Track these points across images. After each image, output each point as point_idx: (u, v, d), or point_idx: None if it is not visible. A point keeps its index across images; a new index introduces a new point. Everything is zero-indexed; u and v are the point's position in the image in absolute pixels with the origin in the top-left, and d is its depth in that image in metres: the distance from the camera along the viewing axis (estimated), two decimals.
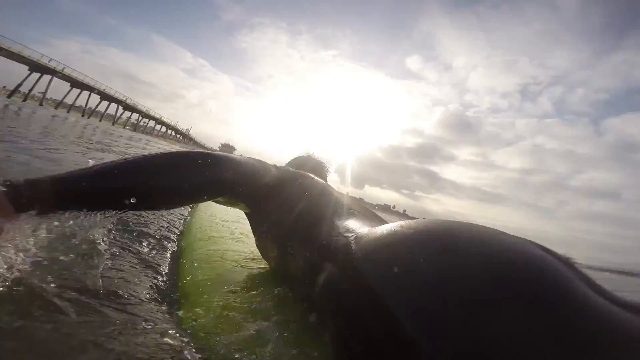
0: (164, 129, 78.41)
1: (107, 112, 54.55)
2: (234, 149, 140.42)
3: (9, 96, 35.06)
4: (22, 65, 34.87)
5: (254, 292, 0.85)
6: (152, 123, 71.84)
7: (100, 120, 51.29)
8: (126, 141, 8.79)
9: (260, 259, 1.11)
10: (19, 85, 35.96)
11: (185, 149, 0.84)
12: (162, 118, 75.24)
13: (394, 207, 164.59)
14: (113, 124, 55.82)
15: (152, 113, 69.63)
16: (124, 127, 60.32)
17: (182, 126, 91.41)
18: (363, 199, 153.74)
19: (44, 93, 39.12)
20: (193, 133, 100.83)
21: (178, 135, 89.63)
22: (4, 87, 43.41)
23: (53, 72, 38.56)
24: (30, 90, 36.90)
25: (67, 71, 40.75)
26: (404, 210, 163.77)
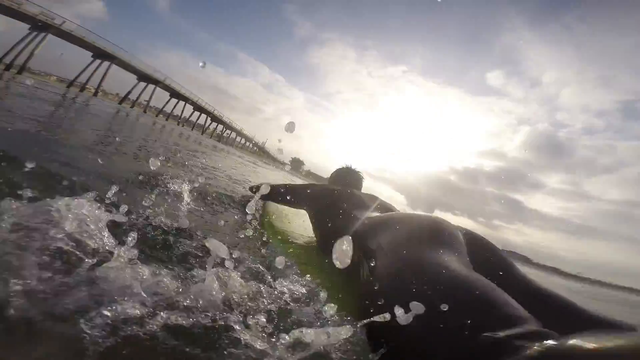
0: (243, 140, 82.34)
1: (198, 121, 57.69)
2: (303, 164, 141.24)
3: (120, 102, 38.32)
4: (131, 74, 37.88)
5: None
6: (233, 134, 75.62)
7: (192, 129, 54.80)
8: (212, 150, 9.80)
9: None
10: (128, 92, 39.17)
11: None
12: (243, 130, 78.89)
13: None
14: (202, 133, 59.74)
15: (234, 125, 72.91)
16: (210, 137, 64.39)
17: (259, 139, 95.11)
18: None
19: (148, 101, 42.14)
20: (268, 146, 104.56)
21: (255, 148, 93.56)
22: (117, 93, 48.02)
23: (156, 82, 41.36)
24: (137, 98, 39.95)
25: (168, 82, 43.56)
26: None
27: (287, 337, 0.74)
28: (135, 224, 1.21)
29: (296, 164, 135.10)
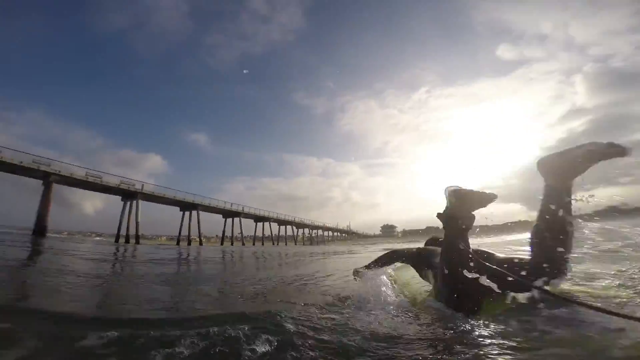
0: (331, 233, 79.08)
1: (287, 234, 55.90)
2: (395, 227, 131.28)
3: (222, 243, 37.63)
4: (216, 214, 38.12)
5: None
6: (320, 232, 72.99)
7: (285, 244, 52.61)
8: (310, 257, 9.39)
9: None
10: (224, 232, 38.85)
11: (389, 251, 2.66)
12: (326, 224, 76.35)
13: (625, 204, 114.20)
14: (295, 243, 57.46)
15: (316, 223, 70.74)
16: (303, 244, 61.80)
17: (342, 224, 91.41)
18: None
19: (241, 232, 41.34)
20: (353, 227, 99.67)
21: (344, 234, 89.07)
22: (217, 235, 48.28)
23: (238, 214, 41.31)
24: (232, 233, 39.29)
25: (246, 210, 43.60)
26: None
27: None
28: None
29: (388, 230, 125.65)
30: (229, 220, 40.11)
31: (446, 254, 1.71)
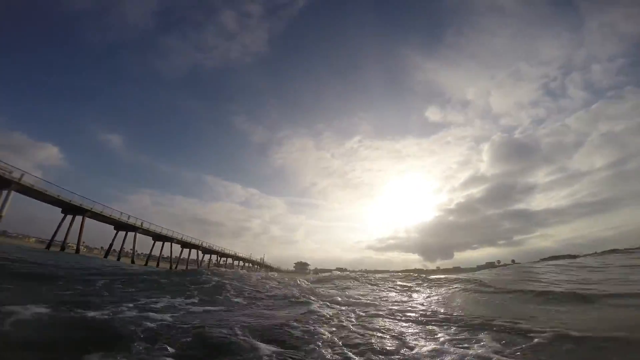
0: (241, 262, 76.51)
1: (191, 257, 52.66)
2: (308, 265, 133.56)
3: (105, 255, 33.77)
4: (107, 225, 34.77)
5: None
6: (230, 260, 70.30)
7: (186, 268, 49.20)
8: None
9: None
10: (111, 245, 35.16)
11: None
12: (237, 254, 73.99)
13: (499, 261, 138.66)
14: (198, 267, 54.17)
15: (227, 251, 68.31)
16: (208, 268, 58.50)
17: (255, 256, 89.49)
18: (460, 266, 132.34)
19: (133, 249, 37.97)
20: (267, 260, 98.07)
21: (255, 266, 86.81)
22: (102, 247, 42.91)
23: (135, 229, 38.22)
24: (121, 248, 35.82)
25: (145, 226, 40.58)
26: (513, 260, 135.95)
27: None
28: None
29: (301, 267, 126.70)
30: (122, 233, 36.77)
31: None
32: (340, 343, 3.54)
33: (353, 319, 4.98)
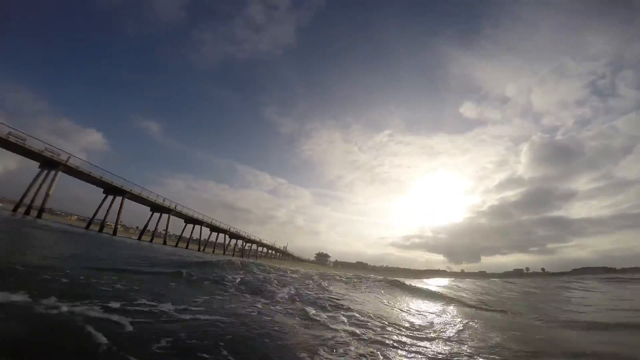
0: (265, 249, 78.06)
1: (218, 241, 54.21)
2: (328, 256, 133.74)
3: (139, 238, 35.39)
4: (144, 206, 36.25)
5: None
6: (254, 246, 71.79)
7: (213, 251, 50.80)
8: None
9: None
10: (146, 226, 36.76)
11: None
12: (262, 240, 75.32)
13: (527, 269, 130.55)
14: (224, 253, 55.62)
15: (253, 237, 69.55)
16: (232, 254, 60.10)
17: (279, 244, 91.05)
18: (485, 271, 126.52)
19: (166, 230, 39.46)
20: (290, 249, 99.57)
21: (278, 254, 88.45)
22: (137, 227, 45.17)
23: (169, 211, 39.63)
24: (155, 228, 37.35)
25: (179, 208, 41.99)
26: (543, 269, 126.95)
27: None
28: None
29: (322, 258, 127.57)
30: (157, 215, 38.27)
31: None
32: None
33: None
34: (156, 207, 38.02)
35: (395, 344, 3.76)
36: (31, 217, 20.72)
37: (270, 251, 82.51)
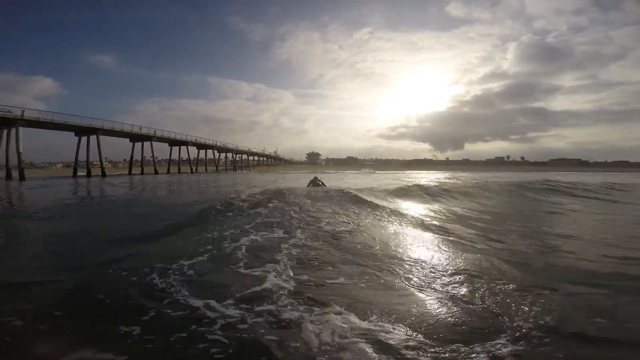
0: (256, 158, 79.94)
1: (209, 158, 54.99)
2: (319, 155, 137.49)
3: (129, 172, 36.18)
4: (123, 138, 35.54)
5: None
6: (245, 156, 72.91)
7: (205, 169, 52.16)
8: None
9: None
10: (132, 157, 37.01)
11: None
12: (252, 149, 75.93)
13: (508, 157, 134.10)
14: (217, 169, 57.17)
15: (242, 148, 69.71)
16: (225, 169, 62.01)
17: (269, 149, 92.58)
18: (468, 159, 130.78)
19: (153, 159, 39.72)
20: (280, 152, 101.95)
21: (270, 160, 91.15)
22: (125, 159, 46.03)
23: (149, 138, 38.75)
24: (142, 158, 37.65)
25: (159, 133, 40.85)
26: (522, 157, 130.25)
27: None
28: None
29: (313, 158, 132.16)
30: (138, 144, 37.71)
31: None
32: None
33: None
34: (135, 137, 37.13)
35: None
36: (14, 181, 20.52)
37: (261, 159, 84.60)
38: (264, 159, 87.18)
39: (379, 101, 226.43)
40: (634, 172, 59.17)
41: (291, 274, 3.23)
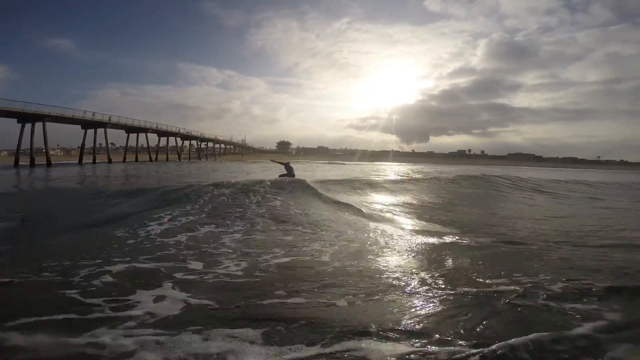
0: (223, 146, 78.70)
1: (171, 145, 53.56)
2: (290, 144, 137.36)
3: (80, 161, 34.99)
4: (74, 125, 34.29)
5: None
6: (211, 144, 71.43)
7: (167, 159, 50.73)
8: None
9: None
10: (83, 145, 35.78)
11: None
12: (218, 137, 74.44)
13: (469, 150, 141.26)
14: (179, 158, 55.58)
15: (207, 135, 68.23)
16: (189, 158, 60.53)
17: (237, 138, 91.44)
18: (432, 152, 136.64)
19: (107, 147, 38.64)
20: (249, 140, 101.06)
21: (237, 148, 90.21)
22: (78, 147, 44.22)
23: (103, 125, 37.52)
24: (94, 146, 36.52)
25: (114, 120, 39.58)
26: (483, 151, 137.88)
27: None
28: None
29: (283, 147, 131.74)
30: (92, 131, 36.50)
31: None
32: None
33: None
34: (88, 124, 35.86)
35: None
36: None
37: (228, 147, 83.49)
38: (231, 147, 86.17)
39: (353, 92, 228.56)
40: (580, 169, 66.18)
41: None
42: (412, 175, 18.97)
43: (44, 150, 29.97)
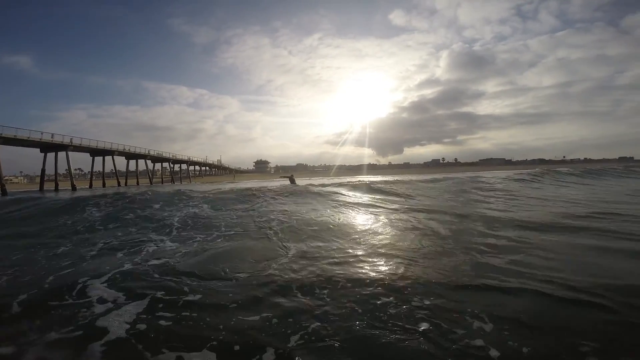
0: (198, 167, 75.29)
1: (142, 169, 50.13)
2: (268, 162, 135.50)
3: (41, 188, 31.23)
4: (32, 148, 30.84)
5: None
6: (184, 166, 68.07)
7: (137, 183, 47.04)
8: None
9: None
10: (43, 171, 32.13)
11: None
12: (192, 158, 71.29)
13: (443, 159, 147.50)
14: (151, 182, 51.78)
15: (180, 157, 65.04)
16: (161, 181, 56.70)
17: (212, 158, 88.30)
18: (408, 162, 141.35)
19: (69, 171, 35.00)
20: (225, 161, 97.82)
21: (213, 169, 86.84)
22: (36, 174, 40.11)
23: (64, 147, 34.12)
24: (56, 172, 32.95)
25: (76, 142, 36.18)
26: (456, 159, 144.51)
27: None
28: None
29: (261, 166, 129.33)
30: (52, 155, 33.01)
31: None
32: None
33: None
34: (46, 146, 32.40)
35: None
36: None
37: (203, 168, 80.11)
38: (207, 168, 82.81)
39: (327, 107, 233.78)
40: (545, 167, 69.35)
41: None
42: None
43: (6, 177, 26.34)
